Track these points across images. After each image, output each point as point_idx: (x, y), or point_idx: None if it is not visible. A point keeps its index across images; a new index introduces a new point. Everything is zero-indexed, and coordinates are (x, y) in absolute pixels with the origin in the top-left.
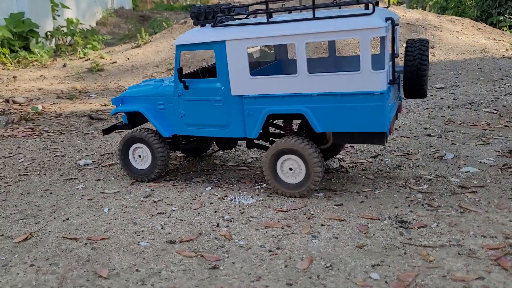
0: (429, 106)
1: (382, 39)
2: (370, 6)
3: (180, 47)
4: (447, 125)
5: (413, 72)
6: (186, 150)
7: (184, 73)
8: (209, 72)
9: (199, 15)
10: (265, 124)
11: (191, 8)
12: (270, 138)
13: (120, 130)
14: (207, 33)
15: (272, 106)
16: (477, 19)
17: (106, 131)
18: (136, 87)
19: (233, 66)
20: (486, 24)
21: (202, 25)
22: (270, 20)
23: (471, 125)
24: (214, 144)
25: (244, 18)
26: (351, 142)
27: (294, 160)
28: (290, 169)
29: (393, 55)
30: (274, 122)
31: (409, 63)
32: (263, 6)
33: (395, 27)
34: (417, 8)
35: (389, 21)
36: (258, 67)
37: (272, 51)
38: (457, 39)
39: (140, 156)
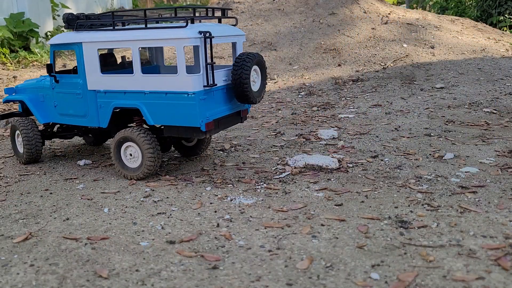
0: (429, 106)
1: (196, 48)
2: (187, 22)
3: (52, 46)
4: (447, 125)
5: (237, 80)
6: (87, 140)
7: (65, 69)
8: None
9: (69, 21)
10: (123, 118)
11: (63, 14)
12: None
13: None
14: (71, 36)
15: (117, 100)
16: (477, 19)
17: (2, 117)
18: (30, 80)
19: (88, 64)
20: (486, 24)
21: (76, 29)
22: (117, 28)
23: (471, 125)
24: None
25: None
26: (177, 134)
27: (133, 147)
28: (131, 154)
29: (210, 63)
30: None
31: (234, 72)
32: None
33: (212, 39)
34: (417, 8)
35: (202, 34)
36: (126, 67)
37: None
38: (457, 39)
39: (19, 141)
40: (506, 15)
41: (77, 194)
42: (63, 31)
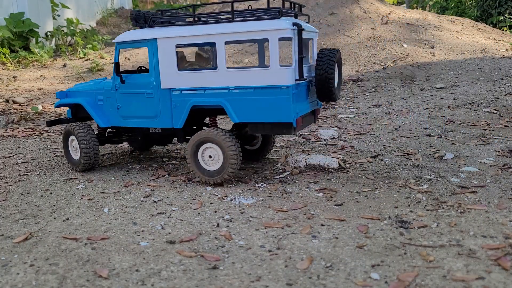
0: (429, 106)
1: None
2: (280, 12)
3: (119, 44)
4: (447, 125)
5: (322, 76)
6: (133, 146)
7: None
8: None
9: (138, 18)
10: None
11: (131, 12)
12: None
13: None
14: (143, 33)
15: (196, 99)
16: (477, 19)
17: (50, 123)
18: (81, 84)
19: (163, 62)
20: (486, 24)
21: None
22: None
23: (471, 125)
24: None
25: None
26: (263, 132)
27: (213, 148)
28: (210, 157)
29: (301, 56)
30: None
31: (319, 68)
32: None
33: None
34: (417, 8)
35: (296, 26)
36: None
37: None
38: (457, 39)
39: (74, 147)
40: (506, 15)
41: (77, 194)
42: (62, 31)
